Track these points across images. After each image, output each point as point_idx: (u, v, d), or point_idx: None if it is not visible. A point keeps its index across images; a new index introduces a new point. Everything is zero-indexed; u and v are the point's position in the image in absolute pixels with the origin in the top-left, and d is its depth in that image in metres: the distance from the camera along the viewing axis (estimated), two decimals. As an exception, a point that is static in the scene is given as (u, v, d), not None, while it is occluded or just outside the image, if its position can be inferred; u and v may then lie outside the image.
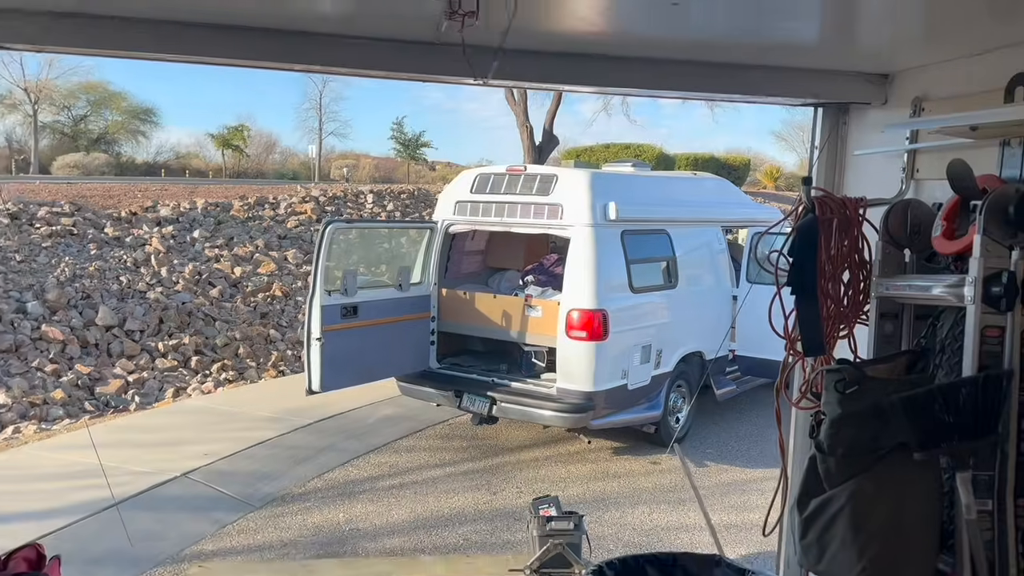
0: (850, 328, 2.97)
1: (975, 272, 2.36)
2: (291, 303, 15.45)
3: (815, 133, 3.62)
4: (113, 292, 13.75)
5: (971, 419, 2.30)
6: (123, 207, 18.84)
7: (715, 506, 7.61)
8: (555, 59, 3.05)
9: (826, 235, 2.91)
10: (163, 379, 11.78)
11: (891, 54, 3.09)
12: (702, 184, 11.72)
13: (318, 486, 7.98)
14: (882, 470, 2.38)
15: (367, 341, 8.27)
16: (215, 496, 7.58)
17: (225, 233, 18.36)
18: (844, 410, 2.41)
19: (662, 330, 9.14)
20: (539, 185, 8.88)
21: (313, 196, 23.16)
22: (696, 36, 2.91)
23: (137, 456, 8.34)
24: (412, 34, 2.91)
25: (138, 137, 47.79)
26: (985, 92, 2.71)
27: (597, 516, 7.39)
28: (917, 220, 2.77)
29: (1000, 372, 2.33)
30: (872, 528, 2.37)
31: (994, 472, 2.37)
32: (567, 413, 8.40)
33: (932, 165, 3.00)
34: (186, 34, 2.88)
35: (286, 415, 9.89)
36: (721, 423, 10.39)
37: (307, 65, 3.18)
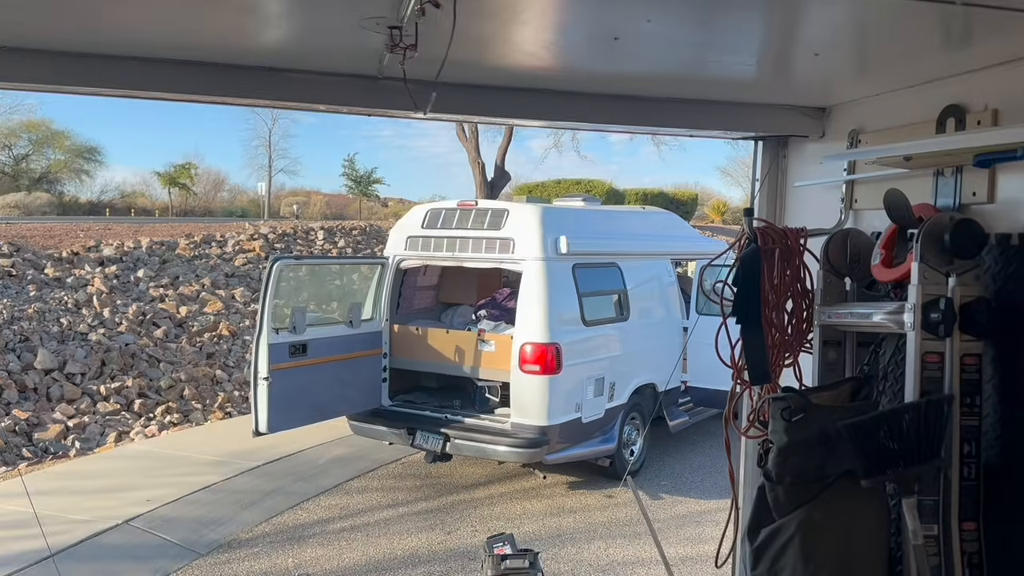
0: (795, 356, 3.00)
1: (914, 299, 2.40)
2: (238, 342, 15.15)
3: (756, 166, 3.69)
4: (53, 334, 13.33)
5: (914, 444, 2.32)
6: (64, 247, 18.36)
7: (670, 539, 7.59)
8: (499, 93, 3.06)
9: (769, 265, 2.94)
10: (105, 423, 11.40)
11: (827, 88, 3.17)
12: (651, 218, 11.88)
13: (266, 531, 7.77)
14: (830, 498, 2.39)
15: (317, 379, 8.12)
16: (158, 544, 7.32)
17: (170, 272, 17.99)
18: (791, 438, 2.41)
19: (615, 363, 9.17)
20: (490, 219, 8.89)
21: (262, 233, 22.87)
22: (639, 71, 2.94)
23: (76, 504, 8.03)
24: (355, 68, 2.89)
25: (82, 176, 46.85)
26: (918, 124, 2.79)
27: (553, 553, 7.31)
28: (856, 249, 2.82)
29: (941, 397, 2.36)
30: (822, 557, 2.36)
31: (939, 497, 2.38)
32: (522, 448, 8.34)
33: (869, 195, 3.07)
34: (126, 68, 2.82)
35: (233, 458, 9.64)
36: (675, 455, 10.42)
37: (250, 99, 3.14)
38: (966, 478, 2.41)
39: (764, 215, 3.58)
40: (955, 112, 2.64)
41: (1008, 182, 2.51)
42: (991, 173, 2.52)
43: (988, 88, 2.54)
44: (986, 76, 2.54)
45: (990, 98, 2.53)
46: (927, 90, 2.77)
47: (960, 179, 2.62)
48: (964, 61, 2.57)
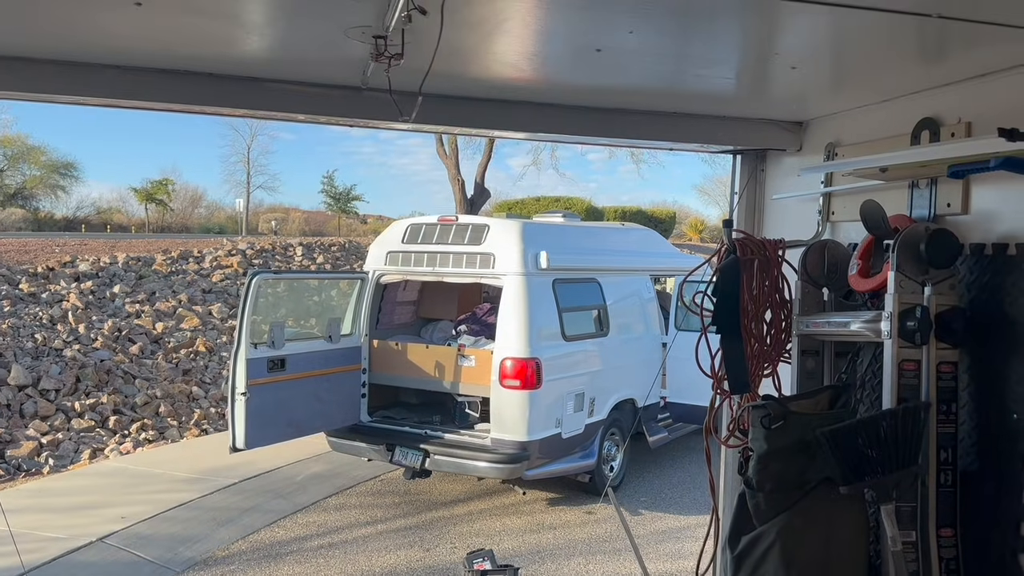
0: (774, 366, 3.03)
1: (891, 307, 2.43)
2: (215, 359, 15.00)
3: (735, 179, 3.74)
4: (27, 350, 13.14)
5: (892, 451, 2.35)
6: (39, 262, 18.13)
7: (650, 554, 7.57)
8: (482, 104, 3.08)
9: (748, 275, 2.97)
10: (79, 440, 11.23)
11: (804, 102, 3.22)
12: (630, 234, 11.94)
13: (243, 548, 7.66)
14: (810, 505, 2.41)
15: (295, 395, 8.05)
16: (133, 561, 7.20)
17: (147, 288, 17.81)
18: (771, 445, 2.44)
19: (595, 378, 9.17)
20: (471, 235, 8.90)
21: (240, 249, 22.73)
22: (621, 84, 2.98)
23: (50, 521, 7.88)
24: (339, 78, 2.91)
25: (57, 192, 46.33)
26: (893, 137, 2.84)
27: (533, 569, 7.27)
28: (834, 259, 2.86)
29: (918, 404, 2.40)
30: (802, 563, 2.38)
31: (917, 503, 2.41)
32: (502, 464, 8.30)
33: (846, 207, 3.11)
34: (105, 76, 2.81)
35: (209, 475, 9.52)
36: (655, 470, 10.42)
37: (232, 109, 3.14)
38: (943, 484, 2.44)
39: (743, 227, 3.62)
40: (929, 125, 2.69)
41: (982, 193, 2.56)
42: (965, 185, 2.58)
43: (961, 101, 2.60)
44: (959, 89, 2.60)
45: (964, 111, 2.58)
46: (902, 104, 2.83)
47: (935, 191, 2.67)
48: (938, 75, 2.63)
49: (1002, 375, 2.40)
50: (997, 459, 2.42)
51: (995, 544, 2.41)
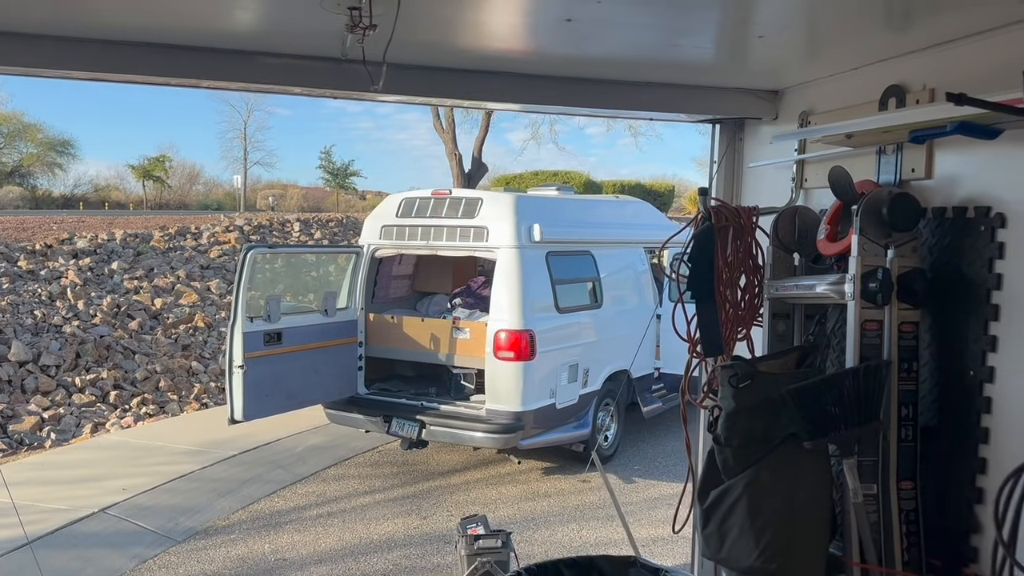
0: (747, 330, 3.11)
1: (853, 270, 2.52)
2: (214, 334, 15.11)
3: (714, 147, 3.80)
4: (27, 327, 13.25)
5: (854, 408, 2.44)
6: (37, 240, 18.19)
7: (642, 520, 7.72)
8: (460, 75, 3.14)
9: (722, 242, 3.05)
10: (80, 415, 11.36)
11: (779, 72, 3.28)
12: (625, 207, 11.99)
13: (242, 518, 7.81)
14: (775, 460, 2.50)
15: (292, 368, 8.16)
16: (135, 531, 7.35)
17: (145, 264, 17.89)
18: (738, 404, 2.53)
19: (588, 349, 9.28)
20: (464, 208, 8.96)
21: (237, 225, 22.77)
22: (596, 54, 3.03)
23: (52, 493, 8.03)
24: (320, 50, 2.96)
25: (55, 170, 46.21)
26: (863, 104, 2.91)
27: (527, 535, 7.42)
28: (804, 225, 2.94)
29: (879, 362, 2.48)
30: (767, 515, 2.48)
31: (878, 457, 2.51)
32: (497, 434, 8.43)
33: (819, 174, 3.18)
34: (94, 50, 2.86)
35: (209, 447, 9.67)
36: (649, 439, 10.56)
37: (218, 82, 3.20)
38: (904, 439, 2.54)
39: (722, 195, 3.69)
40: (896, 92, 2.76)
41: (944, 159, 2.63)
42: (928, 150, 2.65)
43: (926, 68, 2.66)
44: (924, 57, 2.66)
45: (928, 78, 2.65)
46: (871, 71, 2.89)
47: (900, 156, 2.74)
48: (904, 43, 2.69)
49: (960, 334, 2.49)
50: (955, 415, 2.51)
51: (952, 496, 2.51)
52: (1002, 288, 2.40)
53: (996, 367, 2.42)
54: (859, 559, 2.48)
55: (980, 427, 2.45)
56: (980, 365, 2.44)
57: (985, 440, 2.44)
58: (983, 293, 2.43)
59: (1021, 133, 2.28)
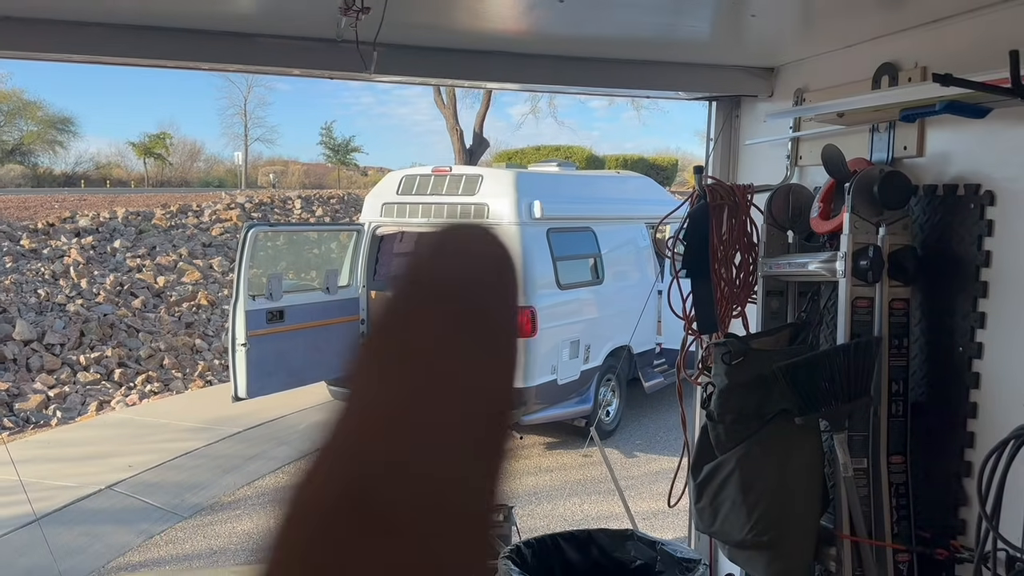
0: (742, 307, 3.15)
1: (845, 247, 2.54)
2: (217, 312, 15.18)
3: (710, 125, 3.81)
4: (31, 305, 13.32)
5: (845, 384, 2.47)
6: (40, 218, 18.23)
7: (643, 494, 7.80)
8: (455, 55, 3.15)
9: (717, 220, 3.08)
10: (85, 393, 11.46)
11: (774, 49, 3.29)
12: (626, 182, 11.98)
13: (248, 494, 7.90)
14: (767, 435, 2.55)
15: (294, 345, 8.21)
16: (141, 507, 7.45)
17: (147, 242, 17.93)
18: (731, 380, 2.57)
19: (590, 325, 9.32)
20: (465, 185, 8.97)
21: (239, 203, 22.77)
22: (590, 33, 3.04)
23: (58, 470, 8.13)
24: (315, 32, 2.97)
25: (55, 147, 46.10)
26: (856, 82, 2.92)
27: (529, 509, 7.50)
28: (798, 203, 2.96)
29: (870, 339, 2.52)
30: (759, 489, 2.53)
31: (868, 432, 2.55)
32: (497, 409, 8.49)
33: (813, 152, 3.19)
34: (91, 34, 2.88)
35: (213, 424, 9.75)
36: (650, 414, 10.63)
37: (215, 64, 3.22)
38: (894, 415, 2.58)
39: (718, 173, 3.71)
40: (889, 70, 2.77)
41: (936, 136, 2.65)
42: (920, 128, 2.66)
43: (918, 46, 2.67)
44: (916, 34, 2.67)
45: (920, 56, 2.66)
46: (864, 49, 2.90)
47: (893, 135, 2.76)
48: (897, 20, 2.70)
49: (949, 311, 2.52)
50: (944, 390, 2.55)
51: (941, 469, 2.55)
52: (991, 265, 2.43)
53: (984, 343, 2.45)
54: (850, 532, 2.53)
55: (968, 402, 2.49)
56: (969, 341, 2.48)
57: (973, 415, 2.48)
58: (972, 270, 2.46)
59: (1009, 112, 2.30)
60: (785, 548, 2.53)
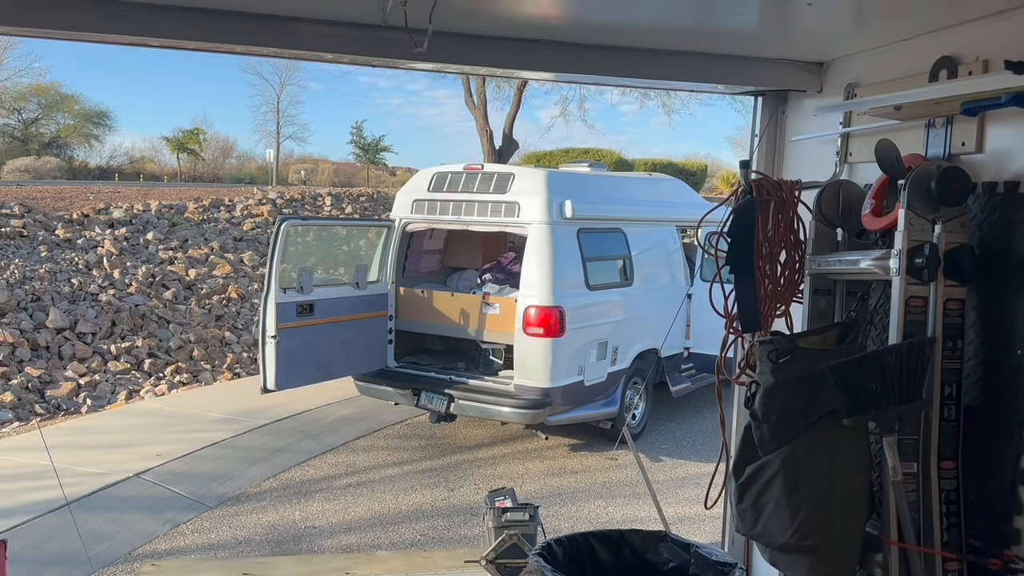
0: (786, 306, 3.07)
1: (900, 245, 2.46)
2: (247, 305, 15.30)
3: (755, 121, 3.73)
4: (64, 294, 13.49)
5: (896, 385, 2.39)
6: (75, 209, 18.49)
7: (670, 499, 7.71)
8: (500, 43, 3.10)
9: (763, 216, 3.00)
10: (115, 382, 11.58)
11: (825, 42, 3.20)
12: (657, 184, 11.88)
13: (273, 486, 7.93)
14: (813, 436, 2.47)
15: (323, 339, 8.23)
16: (168, 496, 7.49)
17: (179, 235, 18.12)
18: (777, 379, 2.49)
19: (618, 327, 9.25)
20: (496, 183, 8.94)
21: (270, 198, 22.97)
22: (636, 21, 2.98)
23: (88, 457, 8.21)
24: (359, 16, 2.94)
25: (91, 141, 46.80)
26: (912, 76, 2.83)
27: (554, 510, 7.45)
28: (848, 200, 2.88)
29: (923, 340, 2.44)
30: (804, 492, 2.45)
31: (919, 436, 2.47)
32: (524, 409, 8.45)
33: (864, 148, 3.11)
34: (132, 14, 2.86)
35: (241, 416, 9.81)
36: (677, 419, 10.53)
37: (255, 47, 3.19)
38: (946, 419, 2.49)
39: (763, 169, 3.63)
40: (947, 64, 2.68)
41: (996, 132, 2.56)
42: (980, 123, 2.57)
43: (979, 39, 2.58)
44: (977, 27, 2.58)
45: (981, 49, 2.57)
46: (921, 43, 2.81)
47: (950, 130, 2.67)
48: (956, 12, 2.61)
49: (1008, 312, 2.42)
50: (1000, 394, 2.46)
51: (995, 476, 2.46)
52: (1053, 266, 2.34)
53: (1044, 347, 2.36)
54: (897, 538, 2.44)
55: (1025, 408, 2.39)
56: (1027, 344, 2.38)
57: (1030, 421, 2.39)
58: (1033, 271, 2.37)
59: (1079, 106, 2.21)
60: (830, 553, 2.45)
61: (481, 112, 32.09)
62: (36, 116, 45.00)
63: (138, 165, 45.28)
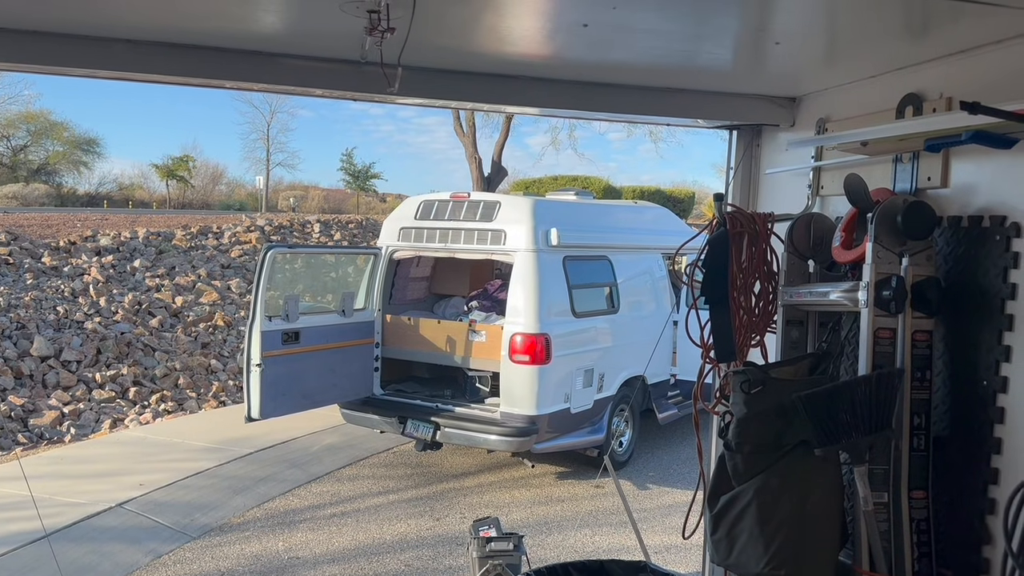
0: (761, 336, 3.11)
1: (867, 277, 2.51)
2: (234, 333, 15.25)
3: (730, 153, 3.80)
4: (49, 322, 13.43)
5: (867, 416, 2.43)
6: (62, 236, 18.45)
7: (655, 527, 7.70)
8: (477, 78, 3.17)
9: (737, 248, 3.05)
10: (100, 410, 11.51)
11: (796, 78, 3.28)
12: (643, 212, 11.98)
13: (257, 516, 7.87)
14: (786, 466, 2.50)
15: (309, 367, 8.22)
16: (151, 526, 7.42)
17: (167, 263, 18.09)
18: (750, 409, 2.53)
19: (604, 354, 9.27)
20: (483, 211, 8.99)
21: (259, 225, 22.98)
22: (613, 59, 3.05)
23: (70, 487, 8.13)
24: (340, 53, 3.00)
25: (80, 168, 46.85)
26: (879, 112, 2.90)
27: (540, 540, 7.42)
28: (819, 232, 2.94)
29: (892, 370, 2.48)
30: (777, 521, 2.48)
31: (889, 466, 2.50)
32: (511, 437, 8.44)
33: (835, 182, 3.18)
34: (119, 50, 2.92)
35: (226, 445, 9.75)
36: (664, 446, 10.53)
37: (241, 83, 3.24)
38: (916, 448, 2.53)
39: (738, 201, 3.69)
40: (913, 100, 2.75)
41: (961, 168, 2.62)
42: (945, 158, 2.64)
43: (944, 77, 2.65)
44: (941, 65, 2.66)
45: (945, 86, 2.64)
46: (888, 80, 2.89)
47: (917, 165, 2.74)
48: (922, 51, 2.68)
49: (974, 344, 2.47)
50: (968, 424, 2.50)
51: (964, 506, 2.49)
52: (1016, 298, 2.39)
53: (1010, 377, 2.40)
54: (869, 568, 2.47)
55: (993, 437, 2.43)
56: (994, 375, 2.43)
57: (998, 451, 2.43)
58: (998, 303, 2.42)
59: (1038, 143, 2.27)
60: (803, 583, 2.47)
61: (470, 140, 32.33)
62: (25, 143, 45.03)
63: (127, 192, 45.27)
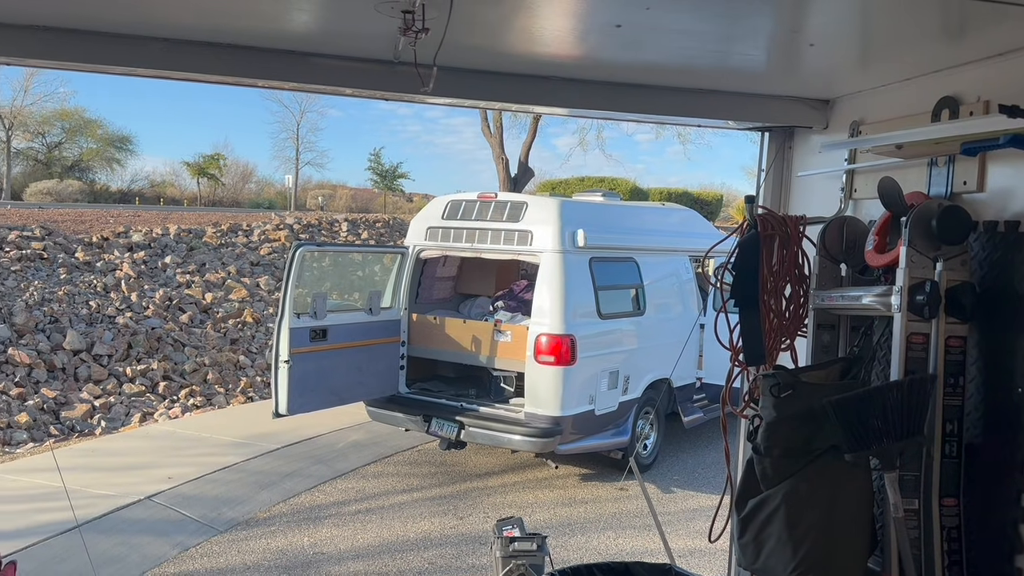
0: (791, 340, 3.09)
1: (901, 282, 2.49)
2: (262, 329, 15.40)
3: (762, 156, 3.78)
4: (82, 316, 13.65)
5: (898, 421, 2.41)
6: (94, 232, 18.74)
7: (680, 532, 7.67)
8: (509, 79, 3.18)
9: (768, 251, 3.03)
10: (130, 404, 11.67)
11: (831, 81, 3.25)
12: (670, 214, 11.92)
13: (283, 511, 7.94)
14: (815, 471, 2.48)
15: (336, 364, 8.28)
16: (178, 519, 7.52)
17: (197, 259, 18.30)
18: (779, 413, 2.51)
19: (630, 356, 9.24)
20: (509, 212, 9.01)
21: (287, 224, 23.18)
22: (645, 60, 3.05)
23: (100, 479, 8.26)
24: (374, 53, 3.03)
25: (113, 165, 47.57)
26: (915, 115, 2.87)
27: (563, 541, 7.41)
28: (852, 236, 2.91)
29: (924, 376, 2.45)
30: (806, 526, 2.46)
31: (920, 473, 2.47)
32: (535, 438, 8.44)
33: (868, 185, 3.15)
34: (156, 48, 2.96)
35: (253, 440, 9.85)
36: (689, 450, 10.47)
37: (275, 82, 3.28)
38: (947, 455, 2.50)
39: (769, 204, 3.67)
40: (949, 104, 2.72)
41: (997, 172, 2.59)
42: (981, 163, 2.61)
43: (980, 80, 2.62)
44: (979, 68, 2.63)
45: (982, 90, 2.61)
46: (923, 82, 2.86)
47: (952, 169, 2.70)
48: (959, 54, 2.65)
49: (1009, 350, 2.44)
50: (1001, 432, 2.46)
51: (997, 514, 2.46)
52: (1054, 305, 2.35)
53: (1045, 385, 2.37)
54: (898, 575, 2.44)
55: (1027, 446, 2.40)
56: (1029, 382, 2.39)
57: (1032, 459, 2.39)
58: (1034, 309, 2.39)
59: (1077, 147, 2.24)
60: (831, 588, 2.45)
61: (497, 140, 32.35)
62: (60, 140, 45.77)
63: (159, 189, 45.89)
